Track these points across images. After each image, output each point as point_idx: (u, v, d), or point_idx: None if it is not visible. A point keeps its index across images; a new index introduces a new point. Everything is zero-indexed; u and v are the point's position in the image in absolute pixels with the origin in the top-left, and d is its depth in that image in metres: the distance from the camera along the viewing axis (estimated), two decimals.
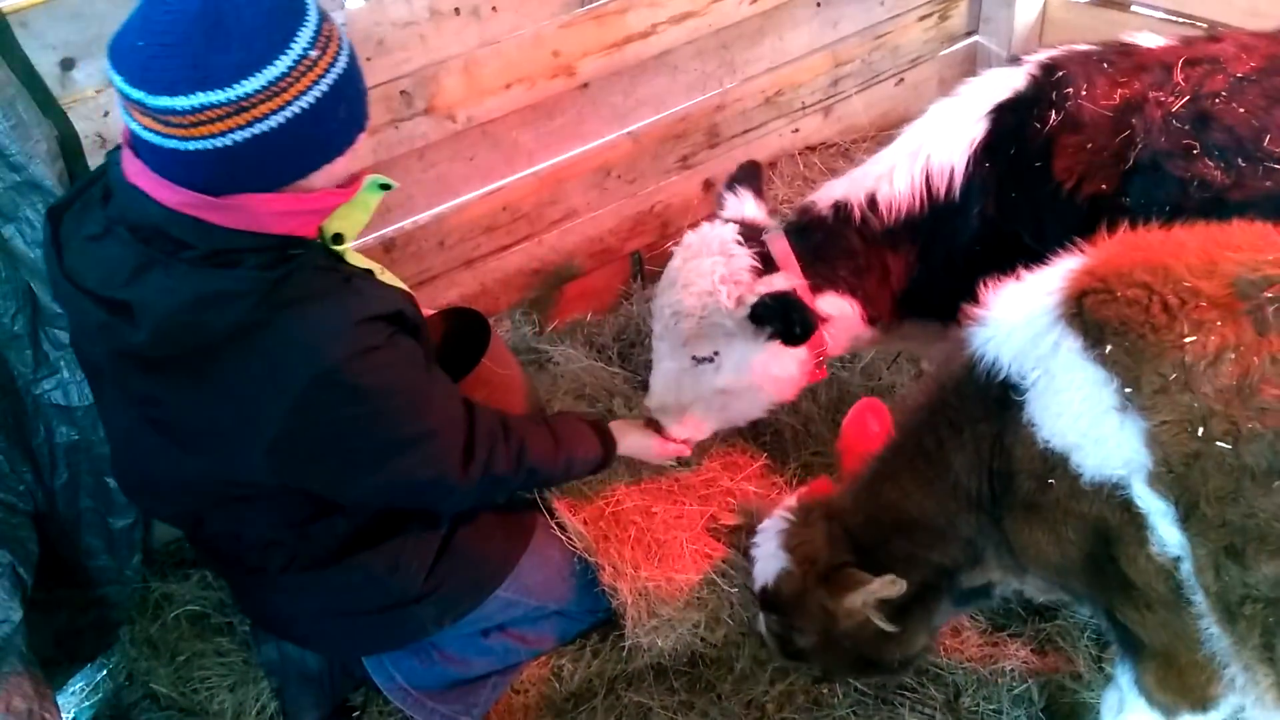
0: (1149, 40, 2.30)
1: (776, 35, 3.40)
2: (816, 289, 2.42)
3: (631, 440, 2.45)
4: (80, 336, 1.93)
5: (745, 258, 2.38)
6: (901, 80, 3.77)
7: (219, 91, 1.53)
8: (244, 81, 1.54)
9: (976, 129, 2.30)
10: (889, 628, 1.93)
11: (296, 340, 1.69)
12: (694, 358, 2.45)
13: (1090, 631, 2.46)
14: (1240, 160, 2.00)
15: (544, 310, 3.35)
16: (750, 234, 2.43)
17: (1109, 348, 1.51)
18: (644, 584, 2.35)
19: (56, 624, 2.44)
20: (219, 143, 1.56)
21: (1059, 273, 1.64)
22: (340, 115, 1.66)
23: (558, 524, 2.42)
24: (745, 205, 2.56)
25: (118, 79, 1.58)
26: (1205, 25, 3.14)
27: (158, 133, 1.57)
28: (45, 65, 2.19)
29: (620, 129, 3.26)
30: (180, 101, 1.53)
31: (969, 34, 3.83)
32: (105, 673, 2.62)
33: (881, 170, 2.43)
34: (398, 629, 2.22)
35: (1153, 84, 2.15)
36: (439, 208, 3.01)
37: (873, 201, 2.40)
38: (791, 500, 2.22)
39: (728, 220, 2.49)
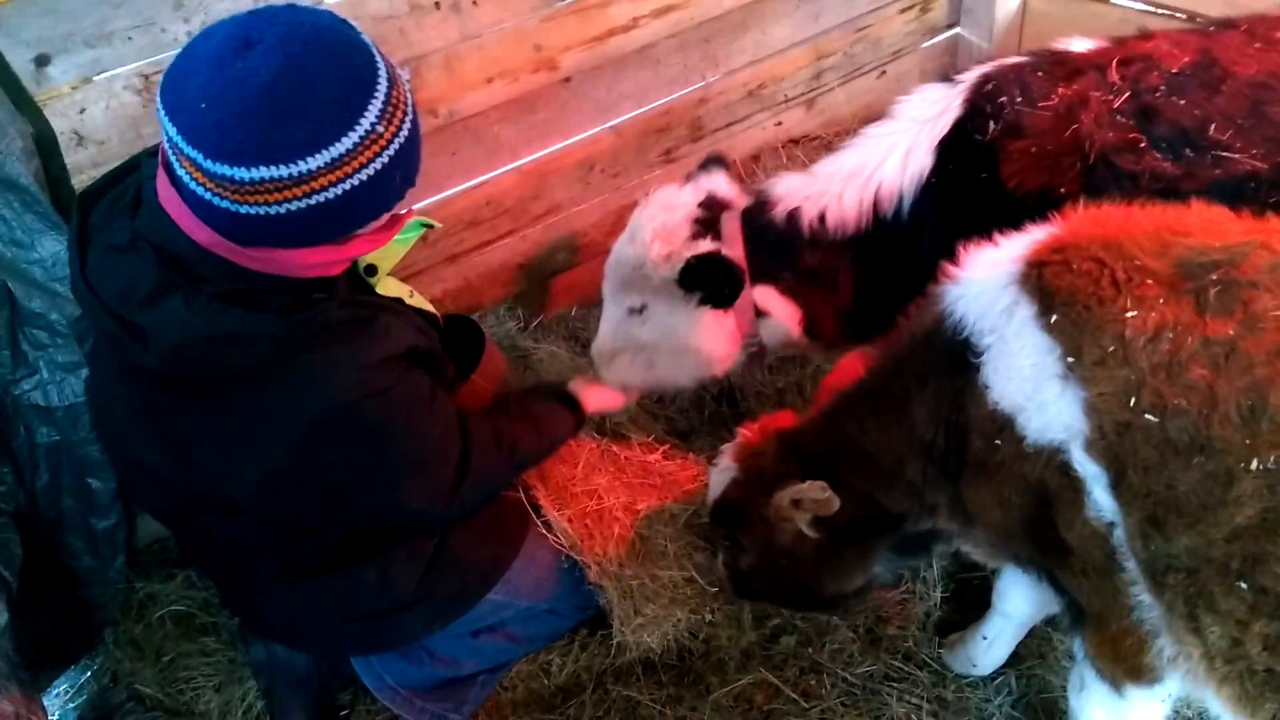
0: (1080, 45, 2.32)
1: (758, 28, 3.39)
2: (755, 279, 2.46)
3: (595, 397, 2.49)
4: (91, 328, 1.93)
5: (687, 217, 2.45)
6: (883, 73, 3.77)
7: (282, 168, 1.49)
8: (310, 159, 1.50)
9: (924, 160, 2.32)
10: (809, 531, 1.99)
11: (308, 382, 1.68)
12: (627, 307, 2.53)
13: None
14: (1188, 150, 2.03)
15: (529, 305, 3.34)
16: (712, 206, 2.49)
17: (1055, 317, 1.57)
18: (629, 583, 2.36)
19: (40, 626, 2.41)
20: (273, 210, 1.53)
21: (1025, 242, 1.70)
22: (396, 180, 1.63)
23: (544, 523, 2.41)
24: (717, 182, 2.59)
25: (171, 128, 1.52)
26: (1184, 16, 3.15)
27: (208, 189, 1.53)
28: (19, 62, 2.16)
29: (603, 123, 3.24)
30: (240, 173, 1.49)
31: (950, 26, 3.83)
32: (89, 674, 2.60)
33: (833, 191, 2.45)
34: (388, 634, 2.22)
35: (1090, 85, 2.18)
36: (422, 203, 2.99)
37: (823, 217, 2.44)
38: (753, 424, 2.26)
39: (696, 187, 2.55)
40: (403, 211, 1.80)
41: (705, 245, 2.40)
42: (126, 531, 2.54)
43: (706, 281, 2.37)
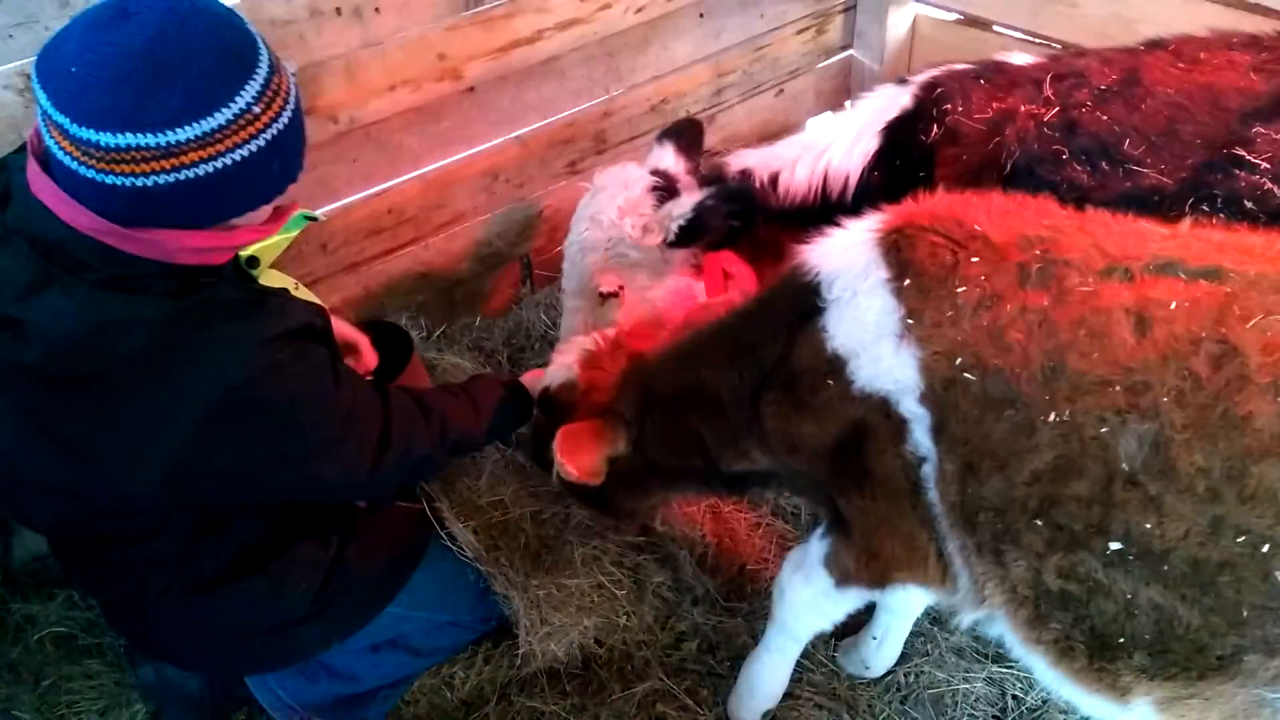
0: (1020, 59, 2.47)
1: (661, 44, 3.45)
2: (717, 245, 2.54)
3: None
4: None
5: (645, 190, 2.54)
6: (781, 91, 3.89)
7: (149, 135, 1.47)
8: (178, 130, 1.48)
9: (870, 143, 2.48)
10: (558, 466, 2.04)
11: (202, 363, 1.64)
12: (601, 294, 2.57)
13: None
14: (1104, 163, 2.16)
15: (432, 315, 3.32)
16: (664, 176, 2.59)
17: (907, 282, 1.74)
18: (535, 593, 2.36)
19: None
20: (140, 182, 1.50)
21: (886, 215, 1.86)
22: (274, 169, 1.62)
23: (448, 534, 2.40)
24: (665, 157, 2.67)
25: (42, 96, 1.49)
26: (1059, 45, 3.34)
27: (75, 159, 1.49)
28: None
29: (507, 133, 3.25)
30: (105, 138, 1.46)
31: (844, 48, 3.97)
32: None
33: (787, 157, 2.58)
34: (283, 650, 2.17)
35: (1025, 97, 2.31)
36: (321, 210, 2.94)
37: (774, 180, 2.56)
38: (610, 332, 2.33)
39: (643, 165, 2.63)
40: (287, 205, 1.79)
41: (685, 201, 2.47)
42: (1, 550, 2.42)
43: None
